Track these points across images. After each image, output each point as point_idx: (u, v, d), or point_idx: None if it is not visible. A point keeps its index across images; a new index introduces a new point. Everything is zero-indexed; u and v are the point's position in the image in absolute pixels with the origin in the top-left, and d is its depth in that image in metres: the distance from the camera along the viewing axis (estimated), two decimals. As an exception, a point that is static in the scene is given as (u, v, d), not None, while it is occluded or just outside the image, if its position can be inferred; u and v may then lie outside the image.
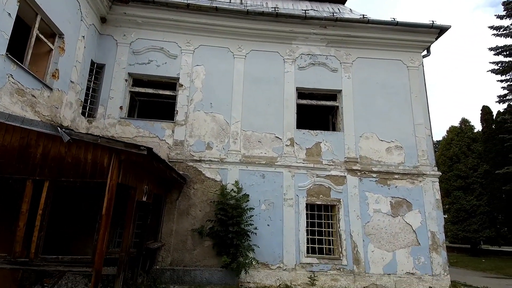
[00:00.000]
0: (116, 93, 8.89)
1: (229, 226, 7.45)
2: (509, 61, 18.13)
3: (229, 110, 8.97)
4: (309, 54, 9.69)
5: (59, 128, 4.04)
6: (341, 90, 9.50)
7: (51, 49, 7.09)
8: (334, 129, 9.83)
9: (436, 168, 9.13)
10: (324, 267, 7.92)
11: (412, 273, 8.03)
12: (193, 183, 8.28)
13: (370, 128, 9.26)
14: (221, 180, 8.37)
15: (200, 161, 8.46)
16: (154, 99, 9.93)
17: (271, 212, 8.27)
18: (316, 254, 8.19)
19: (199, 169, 8.42)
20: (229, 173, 8.45)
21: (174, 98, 9.14)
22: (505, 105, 19.43)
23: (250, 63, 9.44)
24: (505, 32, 17.54)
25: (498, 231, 19.60)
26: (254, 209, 8.13)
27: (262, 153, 8.78)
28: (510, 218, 18.49)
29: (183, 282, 7.19)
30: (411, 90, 9.63)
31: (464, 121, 24.07)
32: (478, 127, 26.82)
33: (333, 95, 9.72)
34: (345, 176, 8.75)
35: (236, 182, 8.24)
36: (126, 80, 9.08)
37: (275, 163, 8.63)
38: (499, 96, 19.18)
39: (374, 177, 8.79)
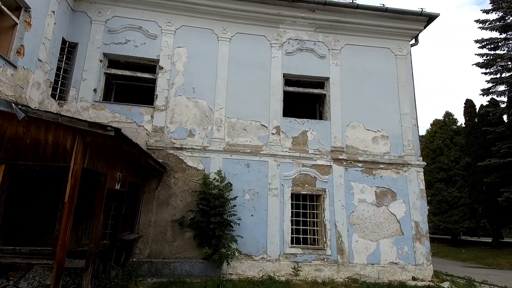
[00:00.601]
0: (89, 75, 8.33)
1: (211, 217, 7.20)
2: (494, 53, 18.54)
3: (213, 96, 8.62)
4: (296, 39, 9.42)
5: (13, 104, 3.61)
6: (329, 77, 9.32)
7: (16, 23, 6.49)
8: (321, 118, 9.69)
9: (421, 158, 9.19)
10: (308, 257, 7.86)
11: (395, 263, 8.10)
12: (173, 172, 7.94)
13: (357, 117, 9.17)
14: (204, 169, 8.08)
15: (181, 149, 8.11)
16: (133, 82, 9.42)
17: (255, 202, 8.09)
18: (300, 244, 8.11)
19: (181, 157, 8.08)
20: (212, 162, 8.16)
21: (153, 82, 8.68)
22: (488, 98, 19.94)
23: (235, 46, 9.08)
24: (490, 25, 17.89)
25: (478, 222, 20.37)
26: (237, 198, 7.91)
27: (247, 142, 8.52)
28: (490, 210, 19.20)
29: (162, 275, 6.92)
30: (398, 79, 9.58)
31: (448, 115, 24.66)
32: (461, 120, 27.52)
33: (320, 82, 9.54)
34: (331, 165, 8.66)
35: (219, 171, 7.97)
36: (100, 61, 8.53)
37: (260, 152, 8.41)
38: (483, 90, 19.67)
39: (359, 167, 8.74)
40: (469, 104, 24.90)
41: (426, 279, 7.86)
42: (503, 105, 19.12)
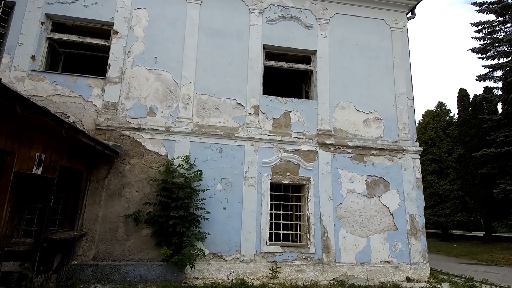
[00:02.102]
0: (27, 39, 7.01)
1: (172, 210, 6.13)
2: (492, 37, 18.05)
3: (180, 68, 7.47)
4: (279, 5, 8.34)
5: None
6: (316, 51, 8.33)
7: None
8: (307, 98, 8.69)
9: (418, 143, 8.40)
10: (289, 256, 6.94)
11: (388, 262, 7.31)
12: (129, 157, 6.79)
13: (347, 97, 8.25)
14: (167, 154, 6.97)
15: (139, 129, 6.96)
16: (85, 52, 8.10)
17: (228, 193, 7.07)
18: (280, 241, 7.18)
19: (138, 139, 6.93)
20: (178, 146, 7.06)
21: (108, 51, 7.41)
22: (485, 84, 19.55)
23: (208, 11, 7.92)
24: (488, 8, 17.34)
25: (470, 216, 20.15)
26: (208, 189, 6.87)
27: (220, 123, 7.45)
28: (482, 203, 18.96)
29: (110, 281, 5.83)
30: (393, 54, 8.72)
31: (440, 105, 24.32)
32: (455, 111, 27.29)
33: (306, 57, 8.54)
34: (317, 151, 7.73)
35: (187, 157, 6.88)
36: (42, 23, 7.20)
37: (236, 135, 7.37)
38: (479, 76, 19.23)
39: (349, 153, 7.86)
40: (462, 94, 24.63)
41: (422, 280, 7.12)
42: (499, 92, 18.76)
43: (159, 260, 6.22)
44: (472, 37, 19.20)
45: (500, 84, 18.66)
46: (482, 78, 19.23)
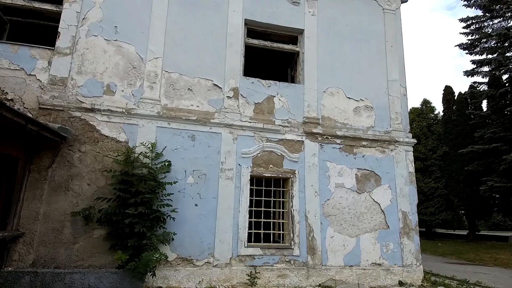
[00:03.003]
0: (-47, -3, 5.79)
1: (130, 207, 5.19)
2: (480, 31, 18.14)
3: (145, 41, 6.51)
4: (263, -23, 7.53)
5: None
6: (303, 30, 7.62)
7: None
8: (293, 82, 7.96)
9: (411, 135, 7.89)
10: (270, 259, 6.19)
11: (378, 264, 6.73)
12: (79, 144, 5.78)
13: (336, 82, 7.61)
14: (127, 141, 6.01)
15: (93, 110, 5.95)
16: (34, 20, 6.92)
17: (201, 187, 6.21)
18: (260, 242, 6.41)
19: (92, 122, 5.93)
20: (141, 131, 6.11)
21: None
22: (473, 79, 19.64)
23: (180, -23, 6.98)
24: (476, 2, 17.39)
25: (454, 214, 20.30)
26: (177, 182, 5.98)
27: (193, 106, 6.57)
28: (467, 201, 19.09)
29: (50, 292, 4.82)
30: (385, 38, 8.16)
31: (426, 102, 24.46)
32: (440, 108, 27.67)
33: (293, 37, 7.80)
34: (303, 141, 7.03)
35: (152, 144, 5.95)
36: (-26, -20, 6.00)
37: (211, 121, 6.52)
38: (466, 71, 19.34)
39: (338, 144, 7.21)
40: (448, 91, 24.86)
41: (416, 284, 6.59)
42: (484, 87, 18.95)
43: (114, 267, 5.27)
44: (460, 33, 19.28)
45: (487, 80, 18.84)
46: (469, 73, 19.36)
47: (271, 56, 8.96)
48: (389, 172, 7.37)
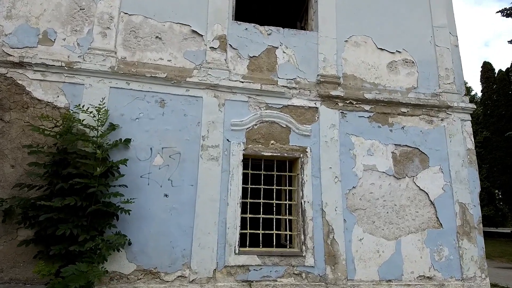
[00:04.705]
0: None
1: (63, 199, 3.59)
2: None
3: (96, -28, 4.83)
4: None
5: None
6: (316, -41, 5.70)
7: None
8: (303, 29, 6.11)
9: (467, 98, 5.86)
10: (272, 271, 4.45)
11: (428, 277, 4.85)
12: (2, 111, 4.26)
13: (362, 28, 5.73)
14: (68, 106, 4.41)
15: (22, 65, 4.38)
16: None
17: (173, 171, 4.55)
18: (258, 247, 4.68)
19: (20, 81, 4.36)
20: (88, 94, 4.50)
21: None
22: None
23: None
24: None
25: (497, 209, 17.82)
26: (138, 163, 4.36)
27: (163, 60, 4.90)
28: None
29: None
30: (430, -32, 6.09)
31: (462, 80, 21.79)
32: (478, 88, 24.88)
33: (302, -30, 5.92)
34: (317, 107, 5.21)
35: (105, 110, 4.30)
36: None
37: (188, 80, 4.82)
38: (510, 41, 16.59)
39: (366, 111, 5.35)
40: (487, 68, 22.18)
41: (486, 307, 4.67)
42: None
43: (44, 283, 3.70)
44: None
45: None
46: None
47: (275, 2, 7.13)
48: (440, 150, 5.42)
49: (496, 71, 21.34)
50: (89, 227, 3.72)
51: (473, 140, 5.66)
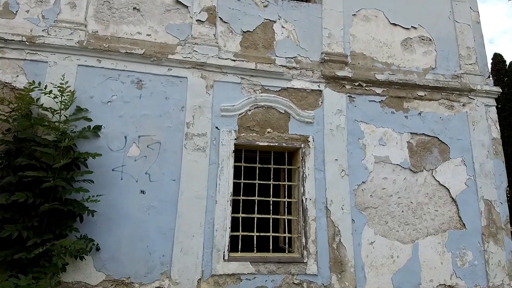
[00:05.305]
0: None
1: (12, 195, 2.95)
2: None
3: None
4: None
5: None
6: None
7: None
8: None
9: (492, 81, 5.17)
10: (267, 280, 3.82)
11: (449, 286, 4.21)
12: None
13: (372, 1, 5.05)
14: (29, 86, 3.74)
15: (-29, 38, 3.72)
16: None
17: (152, 163, 3.90)
18: (251, 252, 4.03)
19: (-31, 57, 3.71)
20: (52, 72, 3.86)
21: None
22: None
23: None
24: None
25: None
26: (109, 154, 3.74)
27: (142, 35, 4.24)
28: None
29: None
30: None
31: (471, 72, 21.02)
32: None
33: None
34: (321, 90, 4.55)
35: (71, 92, 3.66)
36: None
37: (171, 57, 4.16)
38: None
39: (378, 94, 4.68)
40: (498, 59, 21.14)
41: (521, 323, 4.02)
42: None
43: (-7, 298, 3.08)
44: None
45: None
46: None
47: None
48: (462, 139, 4.75)
49: (507, 63, 20.57)
50: (45, 229, 3.09)
51: (498, 128, 4.96)
